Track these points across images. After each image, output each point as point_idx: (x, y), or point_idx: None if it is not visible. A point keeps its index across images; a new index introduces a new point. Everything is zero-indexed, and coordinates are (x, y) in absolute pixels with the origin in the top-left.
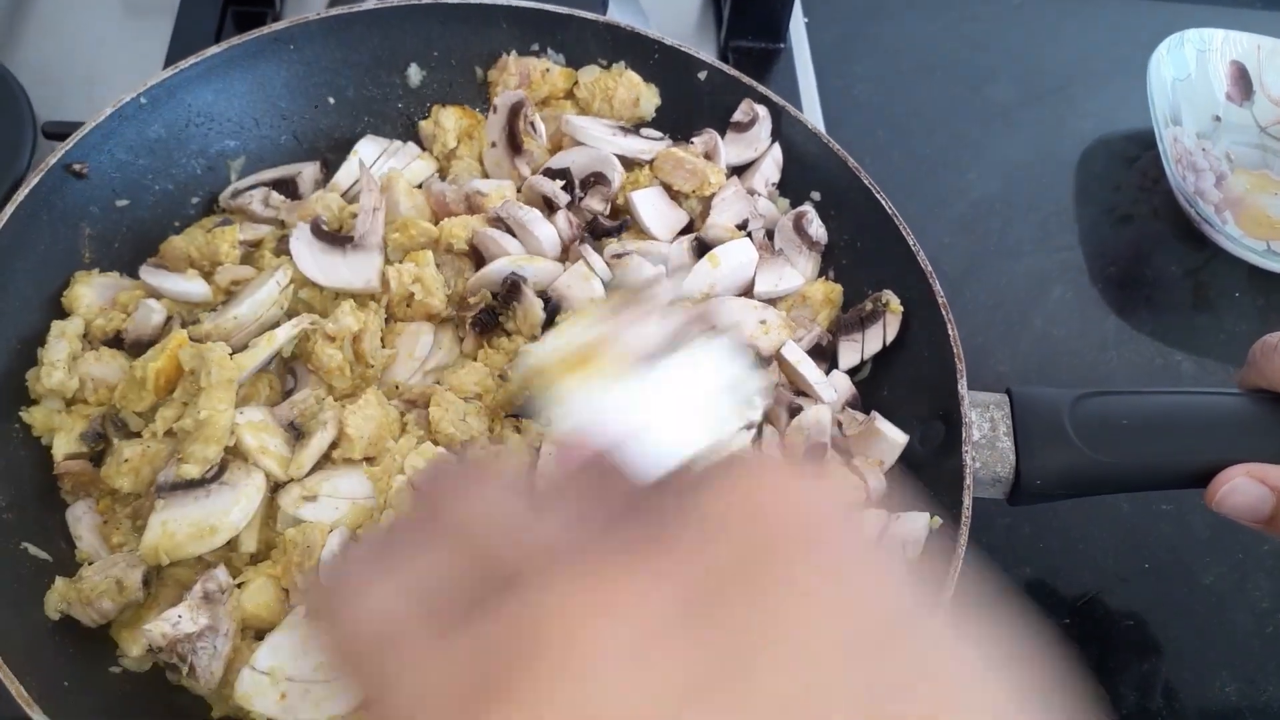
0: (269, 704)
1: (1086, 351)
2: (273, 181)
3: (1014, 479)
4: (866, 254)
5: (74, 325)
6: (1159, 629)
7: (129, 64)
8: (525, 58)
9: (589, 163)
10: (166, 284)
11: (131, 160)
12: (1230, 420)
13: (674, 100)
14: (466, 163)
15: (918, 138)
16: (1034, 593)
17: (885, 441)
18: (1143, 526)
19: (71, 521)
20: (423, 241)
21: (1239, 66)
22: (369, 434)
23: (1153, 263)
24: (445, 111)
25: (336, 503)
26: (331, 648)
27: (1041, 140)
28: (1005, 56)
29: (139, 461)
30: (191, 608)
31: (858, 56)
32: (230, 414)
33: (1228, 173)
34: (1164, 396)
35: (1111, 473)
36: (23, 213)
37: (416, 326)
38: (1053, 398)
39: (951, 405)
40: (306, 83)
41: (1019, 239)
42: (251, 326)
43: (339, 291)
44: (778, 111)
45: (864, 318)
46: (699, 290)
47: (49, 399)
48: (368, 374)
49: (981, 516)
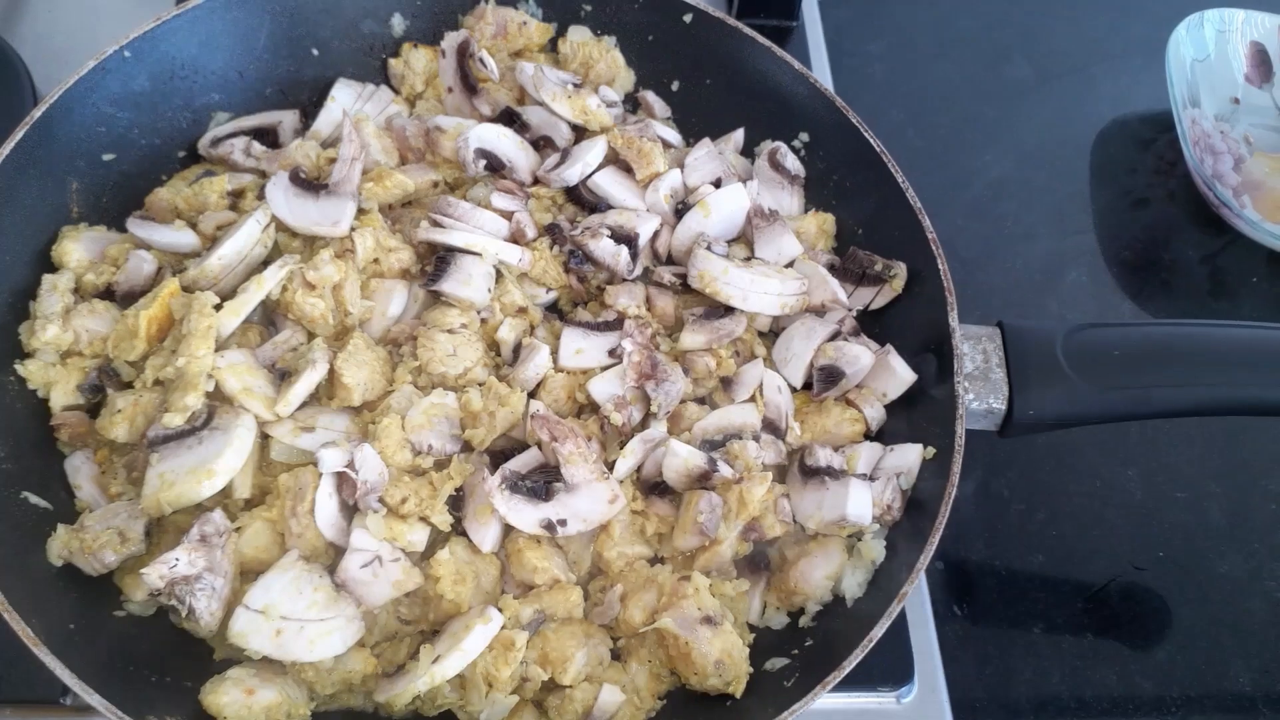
0: (264, 641)
1: None
2: (253, 130)
3: (1007, 410)
4: (854, 191)
5: (64, 279)
6: (1174, 618)
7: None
8: (503, 8)
9: (539, 124)
10: (154, 235)
11: (116, 113)
12: (1224, 350)
13: (661, 45)
14: (431, 103)
15: (932, 117)
16: (1048, 581)
17: (894, 376)
18: (1157, 514)
19: (70, 471)
20: (397, 194)
21: (1259, 48)
22: (364, 380)
23: (1169, 247)
24: (415, 53)
25: (333, 435)
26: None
27: (1057, 122)
28: (1021, 35)
29: (132, 411)
30: (189, 550)
31: (872, 35)
32: (208, 361)
33: (1246, 156)
34: (1157, 328)
35: (1105, 403)
36: (9, 167)
37: (390, 284)
38: (1045, 330)
39: (943, 337)
40: (290, 34)
41: (1034, 222)
42: (238, 268)
43: (305, 233)
44: (766, 53)
45: (863, 275)
46: (689, 240)
47: (44, 352)
48: (347, 322)
49: (993, 503)
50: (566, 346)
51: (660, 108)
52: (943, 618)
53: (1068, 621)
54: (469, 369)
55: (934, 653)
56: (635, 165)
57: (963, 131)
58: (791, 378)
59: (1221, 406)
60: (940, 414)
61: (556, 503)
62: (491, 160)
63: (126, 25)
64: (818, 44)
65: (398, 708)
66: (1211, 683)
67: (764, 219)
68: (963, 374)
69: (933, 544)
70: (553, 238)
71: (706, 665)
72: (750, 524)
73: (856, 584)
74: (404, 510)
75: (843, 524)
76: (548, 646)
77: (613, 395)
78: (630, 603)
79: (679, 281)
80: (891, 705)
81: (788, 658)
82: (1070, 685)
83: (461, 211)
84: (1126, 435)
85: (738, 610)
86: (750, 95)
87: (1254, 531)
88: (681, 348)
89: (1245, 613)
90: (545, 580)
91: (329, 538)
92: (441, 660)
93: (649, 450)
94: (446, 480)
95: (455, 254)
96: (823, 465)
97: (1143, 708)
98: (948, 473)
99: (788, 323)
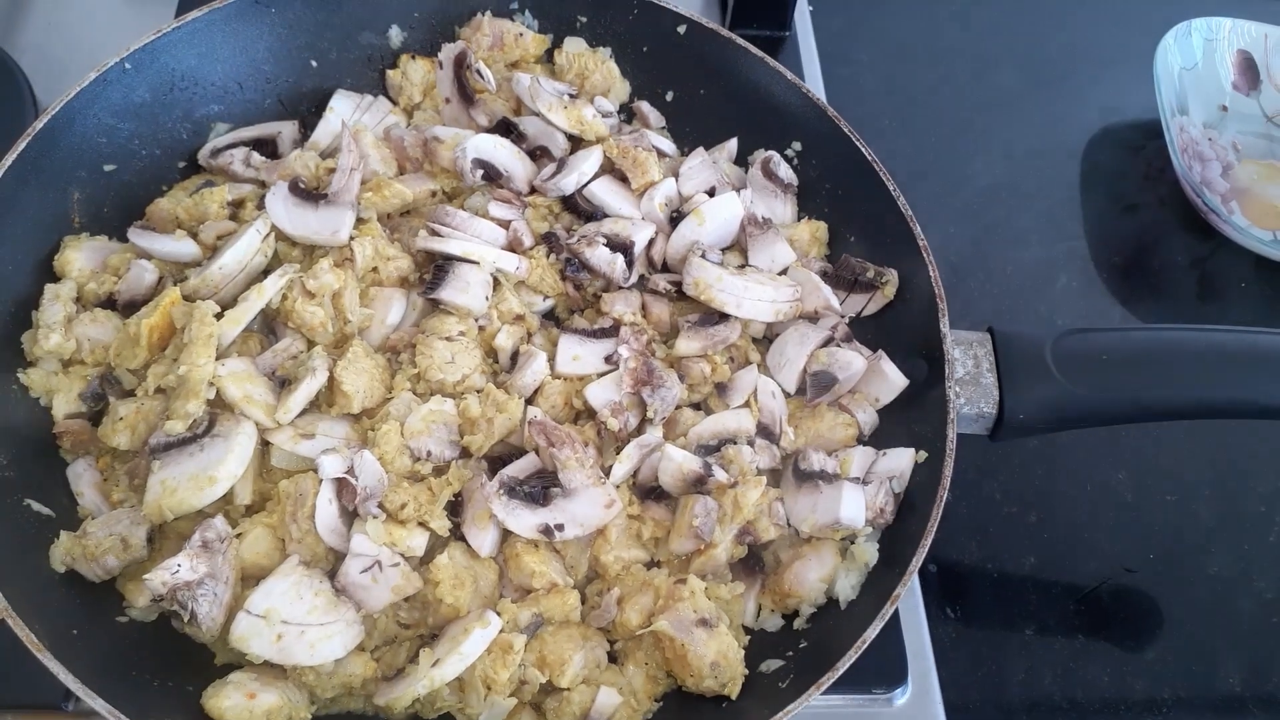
0: (265, 646)
1: None
2: (252, 140)
3: (997, 414)
4: (846, 199)
5: (67, 288)
6: (1164, 619)
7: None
8: (500, 20)
9: (536, 134)
10: (155, 245)
11: (117, 124)
12: (1213, 354)
13: (656, 55)
14: (429, 114)
15: (923, 125)
16: (1040, 583)
17: (886, 381)
18: (1148, 516)
19: (72, 479)
20: (396, 204)
21: (1246, 56)
22: (363, 387)
23: (1158, 252)
24: (413, 64)
25: (333, 441)
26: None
27: (1047, 129)
28: (1010, 44)
29: (134, 419)
30: (190, 556)
31: (863, 44)
32: (209, 368)
33: (1234, 162)
34: (1145, 332)
35: (1094, 406)
36: (11, 178)
37: (389, 292)
38: (1035, 335)
39: (934, 343)
40: (289, 45)
41: (1024, 228)
42: (239, 277)
43: (305, 242)
44: (759, 63)
45: (855, 282)
46: (683, 247)
47: (46, 360)
48: (346, 330)
49: (985, 506)
50: (563, 353)
51: (655, 117)
52: (936, 619)
53: (1059, 622)
54: (467, 376)
55: (927, 654)
56: (630, 174)
57: (953, 139)
58: (785, 383)
59: (1210, 409)
60: (932, 418)
61: (554, 508)
62: (489, 170)
63: (126, 36)
64: (810, 53)
65: (397, 711)
66: (1202, 683)
67: (758, 227)
68: (954, 379)
69: (925, 546)
70: (549, 246)
71: (702, 667)
72: (745, 528)
73: (850, 586)
74: (403, 515)
75: (836, 527)
76: (545, 649)
77: (609, 401)
78: (627, 606)
79: (674, 289)
80: (885, 707)
81: (782, 659)
82: (1062, 686)
83: (459, 220)
84: (1116, 438)
85: (733, 613)
86: (744, 105)
87: (1243, 532)
88: (677, 354)
89: (1235, 613)
90: (543, 584)
91: (329, 543)
92: (440, 663)
93: (645, 455)
94: (445, 486)
95: (453, 262)
96: (816, 469)
97: (1134, 708)
98: (939, 476)
99: (781, 329)
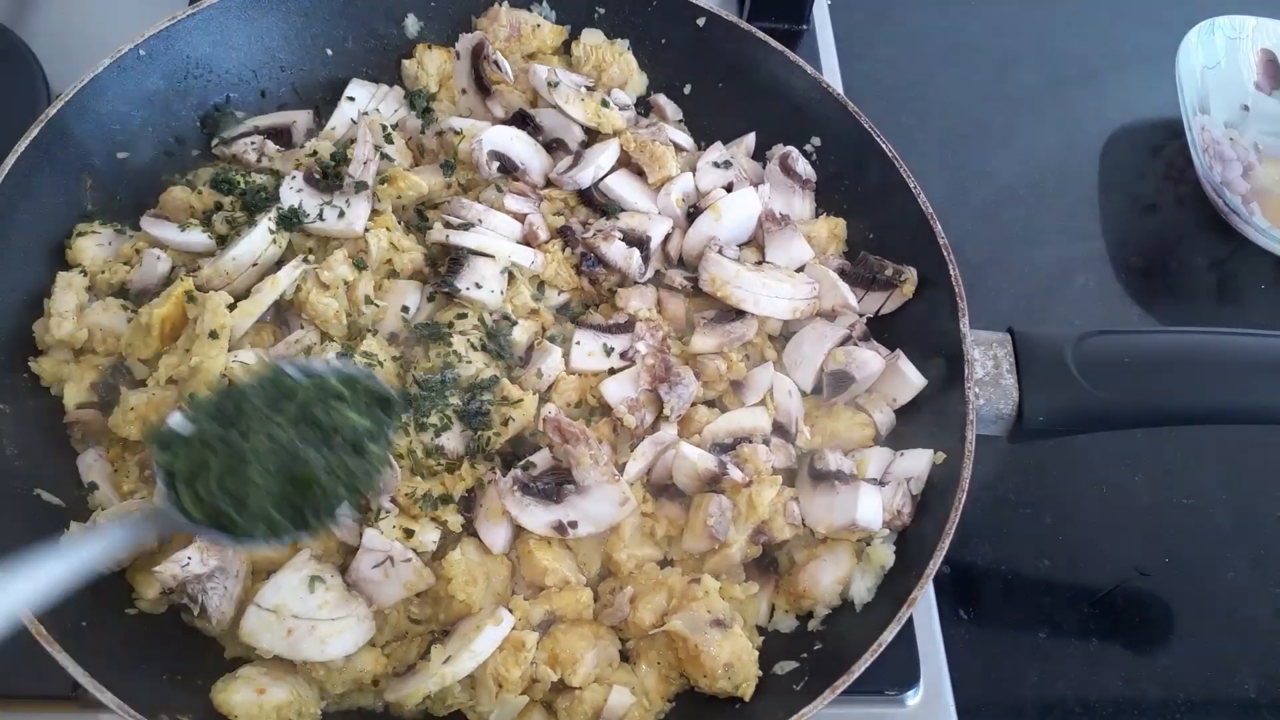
0: (275, 640)
1: None
2: (267, 129)
3: (1016, 416)
4: (865, 195)
5: (79, 277)
6: (1179, 623)
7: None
8: (517, 10)
9: (552, 127)
10: (168, 234)
11: (130, 111)
12: (1234, 359)
13: (674, 48)
14: (445, 105)
15: (941, 122)
16: (1054, 586)
17: (904, 381)
18: (1164, 519)
19: (83, 469)
20: (411, 195)
21: (1269, 55)
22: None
23: (1178, 253)
24: (430, 54)
25: None
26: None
27: (1066, 127)
28: (1030, 41)
29: (145, 409)
30: (201, 549)
31: (881, 39)
32: (222, 360)
33: (1256, 163)
34: (1167, 336)
35: (1115, 410)
36: (24, 164)
37: (403, 284)
38: (1056, 336)
39: (953, 343)
40: (305, 34)
41: (1042, 227)
42: (251, 268)
43: (319, 233)
44: (779, 57)
45: (873, 280)
46: (700, 243)
47: (57, 350)
48: (360, 323)
49: (999, 507)
50: (578, 349)
51: (672, 111)
52: (949, 621)
53: (1073, 626)
54: (480, 370)
55: (940, 656)
56: (647, 169)
57: (972, 136)
58: (802, 382)
59: (1230, 414)
60: (950, 419)
61: (567, 504)
62: (505, 162)
63: (140, 23)
64: (827, 48)
65: (408, 707)
66: (1216, 688)
67: (775, 223)
68: (973, 379)
69: (942, 550)
70: (565, 240)
71: (716, 668)
72: (759, 527)
73: (865, 588)
74: (415, 511)
75: (852, 529)
76: (557, 647)
77: (626, 398)
78: (640, 604)
79: (690, 285)
80: (897, 708)
81: (796, 661)
82: (1075, 689)
83: (475, 213)
84: (1133, 441)
85: (747, 613)
86: (762, 99)
87: (1260, 538)
88: (692, 351)
89: (1251, 619)
90: (555, 581)
91: (341, 537)
92: (452, 660)
93: (659, 453)
94: (458, 481)
95: (468, 255)
96: (833, 469)
97: (1148, 712)
98: (958, 478)
99: (798, 327)
